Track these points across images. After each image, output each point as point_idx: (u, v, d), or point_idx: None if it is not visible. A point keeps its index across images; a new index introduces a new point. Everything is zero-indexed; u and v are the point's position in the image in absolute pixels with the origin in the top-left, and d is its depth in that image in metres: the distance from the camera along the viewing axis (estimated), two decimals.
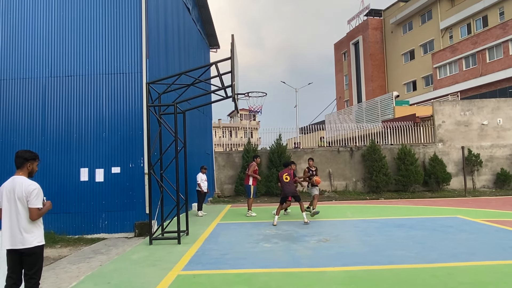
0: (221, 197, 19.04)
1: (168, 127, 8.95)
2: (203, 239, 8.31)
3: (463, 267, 5.62)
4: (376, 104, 27.39)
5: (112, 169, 9.43)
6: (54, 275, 5.88)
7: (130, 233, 9.24)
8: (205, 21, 18.27)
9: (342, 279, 5.17)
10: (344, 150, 19.71)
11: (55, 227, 9.14)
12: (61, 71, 9.76)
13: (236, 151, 20.37)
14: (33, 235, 3.86)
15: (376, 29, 44.33)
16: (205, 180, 12.87)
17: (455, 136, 19.30)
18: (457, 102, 20.04)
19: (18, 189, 3.84)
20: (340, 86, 50.78)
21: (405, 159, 18.40)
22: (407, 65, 40.66)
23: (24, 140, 9.57)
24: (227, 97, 8.68)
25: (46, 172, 9.27)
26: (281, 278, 5.29)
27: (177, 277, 5.49)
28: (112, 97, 9.65)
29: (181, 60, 13.58)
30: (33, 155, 4.04)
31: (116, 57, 9.73)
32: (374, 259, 6.17)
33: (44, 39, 9.86)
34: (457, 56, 31.60)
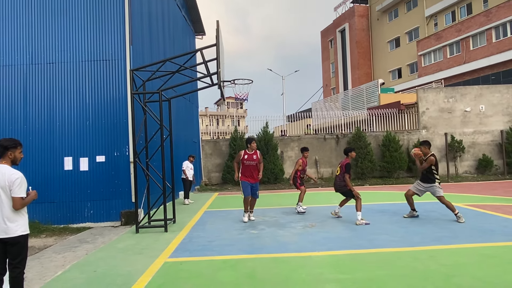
0: (208, 185, 19.05)
1: (153, 115, 8.86)
2: (190, 227, 8.33)
3: (444, 250, 5.78)
4: (361, 92, 27.56)
5: (97, 157, 9.33)
6: (39, 265, 5.84)
7: (117, 222, 9.20)
8: (190, 7, 17.99)
9: (327, 263, 5.26)
10: (330, 137, 19.87)
11: (40, 217, 9.04)
12: (42, 58, 9.53)
13: (223, 139, 20.33)
14: (17, 224, 3.81)
15: (362, 16, 44.36)
16: (191, 168, 12.83)
17: (439, 122, 19.61)
18: (441, 89, 20.32)
19: (1, 178, 3.77)
20: (327, 74, 50.89)
21: (390, 145, 18.66)
22: (392, 52, 40.92)
23: (5, 128, 9.36)
24: (213, 85, 8.62)
25: (29, 161, 9.11)
26: (268, 263, 5.36)
27: (163, 264, 5.51)
28: (95, 84, 9.48)
29: (166, 47, 13.39)
30: (13, 142, 3.95)
31: (99, 43, 9.53)
32: (358, 243, 6.29)
33: (24, 25, 9.58)
34: (442, 43, 31.91)
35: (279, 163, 18.86)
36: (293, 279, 4.68)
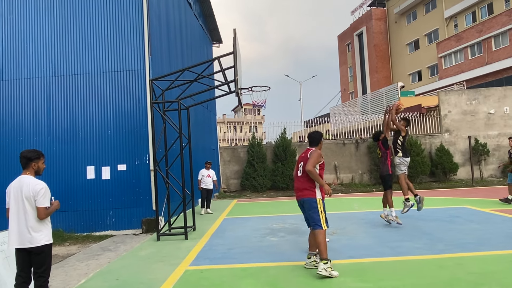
0: (227, 192, 19.10)
1: (172, 123, 8.96)
2: (210, 234, 8.34)
3: (471, 257, 5.59)
4: (381, 95, 27.21)
5: (118, 166, 9.48)
6: (63, 273, 5.94)
7: (138, 230, 9.31)
8: (207, 15, 18.21)
9: (350, 271, 5.16)
10: (350, 142, 19.65)
11: (64, 225, 9.22)
12: (65, 70, 9.80)
13: (241, 146, 20.39)
14: (41, 234, 3.89)
15: (380, 19, 43.92)
16: (208, 176, 12.12)
17: (462, 125, 19.14)
18: (463, 92, 19.86)
19: (26, 188, 3.86)
20: (345, 78, 50.49)
21: (411, 150, 18.29)
22: (411, 55, 40.30)
23: (30, 139, 9.64)
24: (230, 92, 8.67)
25: (53, 171, 9.33)
26: (289, 271, 5.30)
27: (184, 272, 5.52)
28: (116, 94, 9.68)
29: (184, 56, 13.56)
30: (37, 154, 4.05)
31: (119, 54, 9.74)
32: (381, 251, 6.16)
33: (47, 39, 9.89)
34: (463, 45, 31.23)
35: None
36: (316, 287, 4.61)
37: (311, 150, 5.44)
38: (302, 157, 5.48)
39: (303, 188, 5.34)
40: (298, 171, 5.46)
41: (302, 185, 5.35)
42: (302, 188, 5.35)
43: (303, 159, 5.41)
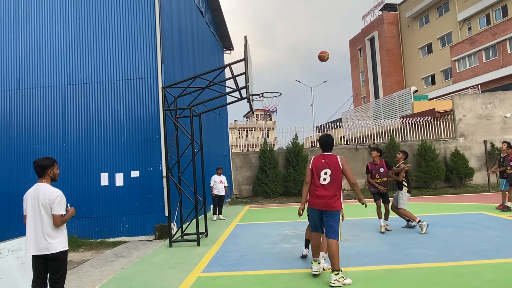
0: (239, 198, 19.10)
1: (184, 130, 9.03)
2: (222, 241, 8.34)
3: (488, 264, 5.47)
4: (394, 100, 26.97)
5: (131, 173, 9.58)
6: (78, 279, 6.01)
7: (151, 236, 9.36)
8: (218, 23, 18.36)
9: (363, 279, 5.10)
10: (362, 147, 19.49)
11: (78, 232, 9.34)
12: (79, 78, 9.98)
13: (253, 152, 20.39)
14: (57, 240, 3.95)
15: (392, 23, 43.65)
16: (220, 182, 11.98)
17: (477, 130, 18.82)
18: (478, 95, 19.55)
19: (42, 196, 3.94)
20: (357, 83, 50.23)
21: (426, 155, 18.06)
22: (424, 59, 39.89)
23: (46, 147, 9.82)
24: (242, 99, 8.70)
25: (67, 178, 9.48)
26: (301, 279, 5.26)
27: (197, 279, 5.53)
28: (129, 102, 9.80)
29: (196, 63, 13.69)
30: (51, 161, 4.13)
31: (132, 62, 9.88)
32: (395, 258, 6.07)
33: (62, 49, 10.09)
34: (477, 48, 30.80)
35: None
36: None
37: (336, 157, 5.32)
38: (325, 164, 5.28)
39: (331, 196, 5.15)
40: (321, 179, 5.23)
41: (330, 193, 5.17)
42: (330, 196, 5.15)
43: (329, 166, 5.24)
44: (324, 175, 5.21)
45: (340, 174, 5.26)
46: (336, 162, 5.24)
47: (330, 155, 5.36)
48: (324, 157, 5.34)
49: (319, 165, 5.30)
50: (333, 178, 5.19)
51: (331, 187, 5.18)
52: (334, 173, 5.19)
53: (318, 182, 5.25)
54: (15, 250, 4.66)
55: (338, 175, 5.23)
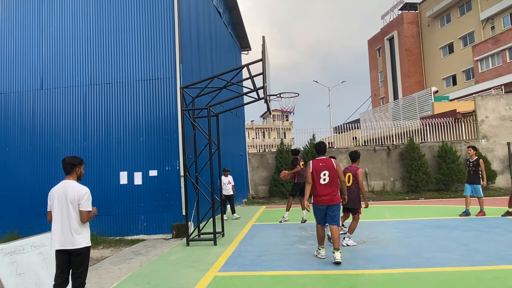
0: (255, 198, 19.10)
1: (202, 130, 9.09)
2: (239, 241, 8.36)
3: (511, 270, 5.31)
4: (413, 101, 26.51)
5: (150, 172, 9.70)
6: (97, 276, 6.12)
7: (168, 235, 9.46)
8: (236, 23, 18.42)
9: (382, 282, 5.02)
10: (381, 149, 19.22)
11: (98, 229, 9.51)
12: (100, 78, 10.16)
13: (269, 152, 20.36)
14: (82, 236, 4.08)
15: (412, 23, 42.93)
16: (228, 182, 12.12)
17: (500, 131, 18.32)
18: (501, 96, 19.01)
19: (71, 193, 4.06)
20: (375, 83, 49.60)
21: (446, 157, 17.68)
22: (445, 59, 39.08)
23: (67, 146, 10.04)
24: (259, 99, 8.70)
25: (88, 176, 9.64)
26: (318, 281, 5.22)
27: (214, 278, 5.55)
28: (148, 102, 9.94)
29: (213, 64, 13.76)
30: (79, 160, 4.28)
31: (151, 63, 10.01)
32: (415, 262, 5.96)
33: (83, 49, 10.31)
34: (500, 47, 29.99)
35: None
36: None
37: (331, 160, 6.40)
38: (324, 167, 6.27)
39: (333, 193, 6.20)
40: (321, 179, 6.22)
41: (331, 190, 6.20)
42: (332, 193, 6.19)
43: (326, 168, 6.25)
44: (323, 176, 6.22)
45: (336, 174, 6.29)
46: (332, 165, 6.30)
47: (326, 158, 6.41)
48: (321, 161, 6.36)
49: (319, 168, 6.29)
50: (331, 178, 6.22)
51: (331, 186, 6.21)
52: (331, 174, 6.23)
53: (318, 182, 6.24)
54: (38, 246, 4.78)
55: (334, 175, 6.27)
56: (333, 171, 6.26)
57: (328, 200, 6.17)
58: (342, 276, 5.40)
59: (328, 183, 6.20)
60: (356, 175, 7.32)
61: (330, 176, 6.21)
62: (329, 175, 6.21)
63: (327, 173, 6.22)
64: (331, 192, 6.18)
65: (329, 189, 6.19)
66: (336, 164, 6.36)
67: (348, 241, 7.29)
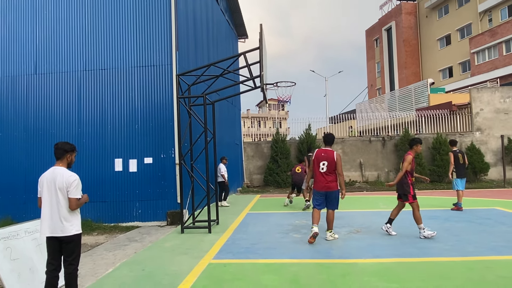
0: (250, 187, 19.16)
1: (197, 118, 9.05)
2: (233, 229, 8.40)
3: (502, 260, 5.40)
4: (409, 92, 26.54)
5: (145, 159, 9.68)
6: (92, 262, 6.13)
7: (163, 222, 9.48)
8: (233, 11, 18.22)
9: (374, 271, 5.08)
10: (376, 139, 19.29)
11: (92, 215, 9.51)
12: (95, 64, 10.05)
13: (265, 142, 20.37)
14: (72, 223, 4.02)
15: (410, 13, 42.72)
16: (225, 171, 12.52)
17: (494, 124, 18.43)
18: (497, 89, 19.09)
19: (59, 179, 4.00)
20: (372, 74, 49.53)
21: (441, 148, 17.80)
22: (442, 50, 39.04)
23: (61, 132, 9.97)
24: (255, 88, 8.65)
25: (83, 163, 9.63)
26: (311, 269, 5.27)
27: (208, 265, 5.59)
28: (143, 89, 9.86)
29: (210, 51, 13.64)
30: (72, 147, 4.21)
31: (147, 50, 9.90)
32: (407, 251, 6.03)
33: (78, 34, 10.16)
34: (497, 40, 29.99)
35: None
36: (338, 285, 4.57)
37: (333, 152, 6.84)
38: (324, 157, 6.82)
39: (330, 181, 6.74)
40: (320, 168, 6.79)
41: (329, 179, 6.74)
42: (329, 181, 6.74)
43: (326, 159, 6.78)
44: (322, 165, 6.80)
45: (334, 165, 6.76)
46: (332, 157, 6.77)
47: (329, 150, 6.90)
48: (324, 151, 6.90)
49: (320, 158, 6.88)
50: (329, 168, 6.76)
51: (328, 175, 6.76)
52: (329, 164, 6.75)
53: (318, 170, 6.84)
54: (32, 232, 4.77)
55: (332, 166, 6.76)
56: (332, 162, 6.73)
57: (325, 187, 6.76)
58: (335, 264, 5.45)
59: (325, 172, 6.75)
60: (403, 161, 7.22)
61: (328, 166, 6.74)
62: (327, 165, 6.73)
63: (326, 163, 6.75)
64: (329, 180, 6.72)
65: (326, 177, 6.73)
66: (337, 157, 6.78)
67: (424, 233, 6.87)
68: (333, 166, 6.74)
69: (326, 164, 6.76)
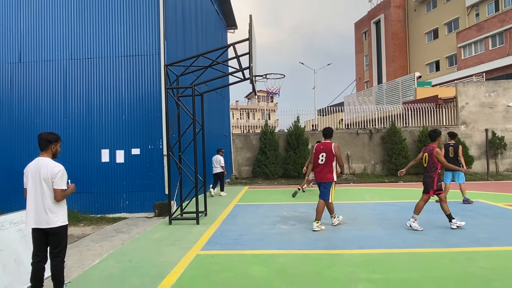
0: (238, 178, 19.20)
1: (186, 109, 8.99)
2: (221, 220, 8.43)
3: (483, 252, 5.54)
4: (397, 85, 26.78)
5: (132, 150, 9.60)
6: (78, 253, 6.10)
7: (150, 213, 9.45)
8: (223, 1, 18.04)
9: (360, 261, 5.17)
10: (363, 132, 19.47)
11: (79, 206, 9.42)
12: (81, 53, 9.87)
13: (253, 133, 20.38)
14: (57, 215, 3.97)
15: (399, 7, 42.91)
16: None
17: (479, 118, 18.76)
18: (482, 83, 19.39)
19: (44, 170, 3.94)
20: (360, 67, 49.77)
21: (426, 141, 18.04)
22: (430, 44, 39.40)
23: (47, 121, 9.80)
24: (245, 79, 8.63)
25: (69, 153, 9.50)
26: (298, 260, 5.34)
27: (196, 256, 5.61)
28: (131, 79, 9.73)
29: (199, 42, 13.52)
30: (56, 136, 4.13)
31: (134, 39, 9.75)
32: (392, 243, 6.15)
33: (64, 22, 9.95)
34: (483, 34, 30.39)
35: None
36: (324, 276, 4.64)
37: (331, 144, 7.14)
38: (323, 149, 7.17)
39: (324, 172, 7.10)
40: (319, 160, 7.16)
41: (324, 170, 7.10)
42: (323, 172, 7.11)
43: (324, 151, 7.14)
44: (321, 157, 7.15)
45: (332, 157, 7.10)
46: (330, 148, 7.11)
47: (327, 142, 7.24)
48: (323, 144, 7.27)
49: (319, 150, 7.26)
50: (326, 160, 7.11)
51: (325, 166, 7.11)
52: (327, 156, 7.11)
53: (317, 162, 7.22)
54: (17, 223, 4.70)
55: (330, 158, 7.10)
56: (330, 153, 7.09)
57: (319, 178, 7.17)
58: (321, 255, 5.53)
59: (323, 164, 7.11)
60: (431, 155, 7.02)
61: (326, 158, 7.11)
62: (326, 157, 7.10)
63: (324, 154, 7.12)
64: (323, 171, 7.10)
65: (324, 168, 7.11)
66: (335, 148, 7.11)
67: (412, 223, 7.00)
68: (331, 157, 7.09)
69: (324, 155, 7.12)
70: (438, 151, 7.00)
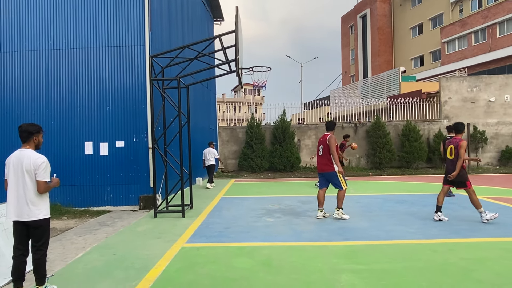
0: (225, 171, 19.18)
1: (171, 101, 8.90)
2: (207, 213, 8.42)
3: (464, 243, 5.68)
4: (382, 80, 27.04)
5: (116, 143, 9.48)
6: (61, 246, 6.02)
7: (135, 206, 9.38)
8: None
9: (343, 253, 5.25)
10: (349, 126, 19.63)
11: (61, 199, 9.28)
12: (63, 43, 9.65)
13: (240, 126, 20.34)
14: (39, 207, 3.90)
15: (385, 1, 43.16)
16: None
17: (461, 112, 19.12)
18: (465, 78, 19.74)
19: (26, 162, 3.85)
20: (346, 61, 50.03)
21: (410, 135, 18.33)
22: (415, 39, 39.83)
23: (28, 113, 9.59)
24: (231, 72, 8.58)
25: (51, 145, 9.32)
26: (283, 252, 5.38)
27: (181, 249, 5.60)
28: (115, 70, 9.58)
29: (185, 33, 13.36)
30: (37, 127, 4.04)
31: (119, 29, 9.58)
32: (375, 234, 6.25)
33: (46, 11, 9.70)
34: (467, 30, 30.86)
35: (296, 151, 18.81)
36: (308, 267, 4.69)
37: (327, 136, 7.40)
38: (322, 141, 7.49)
39: (324, 163, 7.40)
40: (319, 152, 7.49)
41: (323, 161, 7.41)
42: (323, 163, 7.42)
43: (322, 143, 7.45)
44: (320, 149, 7.50)
45: (327, 147, 7.34)
46: (325, 140, 7.40)
47: (325, 134, 7.51)
48: (323, 136, 7.55)
49: (319, 142, 7.63)
50: (324, 152, 7.41)
51: (323, 157, 7.43)
52: (324, 147, 7.41)
53: (318, 154, 7.61)
54: None
55: (326, 148, 7.38)
56: (325, 145, 7.37)
57: (320, 169, 7.54)
58: (305, 247, 5.59)
59: (322, 155, 7.45)
60: (457, 147, 6.94)
61: (323, 149, 7.42)
62: (323, 148, 7.42)
63: (322, 146, 7.45)
64: (323, 162, 7.42)
65: (322, 159, 7.45)
66: (329, 139, 7.34)
67: (486, 216, 6.85)
68: (327, 149, 7.36)
69: (322, 147, 7.44)
70: (462, 144, 6.94)
